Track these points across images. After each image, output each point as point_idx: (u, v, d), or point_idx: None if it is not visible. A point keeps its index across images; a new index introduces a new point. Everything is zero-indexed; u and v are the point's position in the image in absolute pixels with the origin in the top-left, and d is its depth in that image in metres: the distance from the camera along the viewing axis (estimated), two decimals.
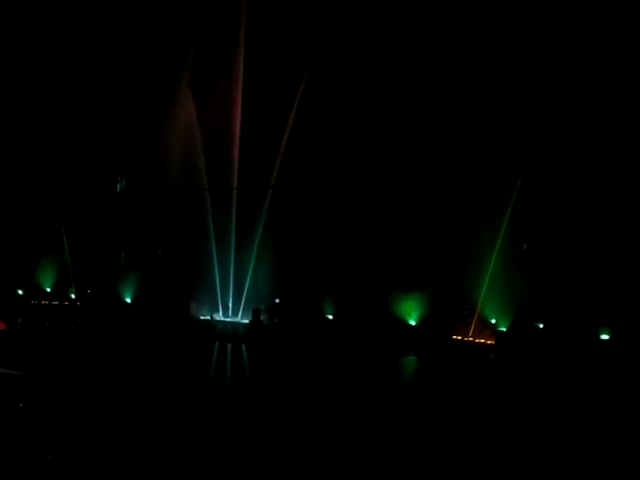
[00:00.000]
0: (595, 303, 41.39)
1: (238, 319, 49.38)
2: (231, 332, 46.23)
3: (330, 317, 46.39)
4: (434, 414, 24.03)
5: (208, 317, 49.76)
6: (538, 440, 20.80)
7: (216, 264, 49.63)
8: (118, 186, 58.73)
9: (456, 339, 41.97)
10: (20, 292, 55.86)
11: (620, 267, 42.18)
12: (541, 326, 42.77)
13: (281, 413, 22.69)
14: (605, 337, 40.63)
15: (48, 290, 56.24)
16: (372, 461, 17.96)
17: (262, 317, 48.01)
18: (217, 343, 41.77)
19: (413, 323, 44.23)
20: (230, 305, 50.33)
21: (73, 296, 55.36)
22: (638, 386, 30.42)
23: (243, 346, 41.26)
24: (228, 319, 49.64)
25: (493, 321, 43.22)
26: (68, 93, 54.91)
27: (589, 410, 25.72)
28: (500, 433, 21.69)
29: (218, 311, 50.19)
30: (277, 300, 50.36)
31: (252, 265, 49.41)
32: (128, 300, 52.46)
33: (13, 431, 18.92)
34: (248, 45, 51.55)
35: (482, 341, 42.68)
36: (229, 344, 41.67)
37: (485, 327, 43.15)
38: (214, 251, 49.68)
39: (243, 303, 49.96)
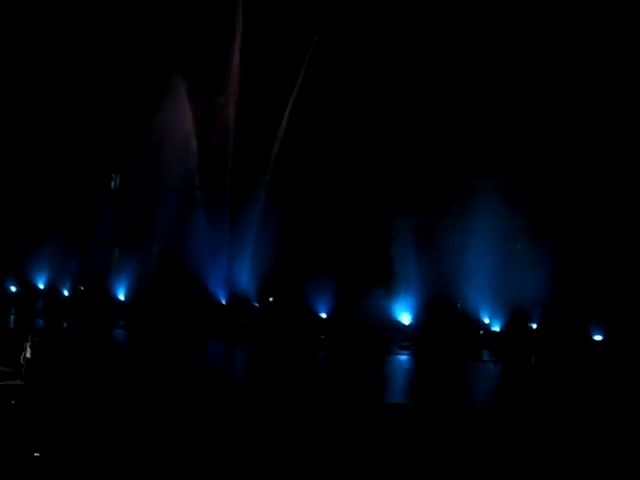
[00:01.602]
0: (589, 304, 41.43)
1: None
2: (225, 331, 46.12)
3: (324, 316, 46.34)
4: (430, 415, 24.01)
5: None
6: (535, 442, 20.80)
7: (209, 263, 49.53)
8: (112, 183, 58.62)
9: (449, 338, 41.86)
10: (13, 289, 55.76)
11: (615, 267, 42.22)
12: (534, 326, 42.77)
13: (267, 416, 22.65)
14: (598, 338, 40.67)
15: (41, 287, 56.16)
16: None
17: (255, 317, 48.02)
18: (211, 342, 41.76)
19: (406, 322, 44.25)
20: (224, 303, 50.25)
21: (66, 293, 55.24)
22: (632, 387, 30.47)
23: (237, 345, 41.22)
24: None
25: (487, 321, 43.24)
26: (62, 90, 54.80)
27: (584, 411, 25.75)
28: (497, 434, 21.68)
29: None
30: (271, 299, 50.29)
31: (247, 263, 49.36)
32: (121, 298, 52.34)
33: (7, 430, 18.85)
34: (245, 43, 51.54)
35: (476, 341, 42.60)
36: (223, 343, 41.62)
37: (478, 327, 43.14)
38: (207, 249, 49.61)
39: None
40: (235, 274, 49.64)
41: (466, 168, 45.07)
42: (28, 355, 24.74)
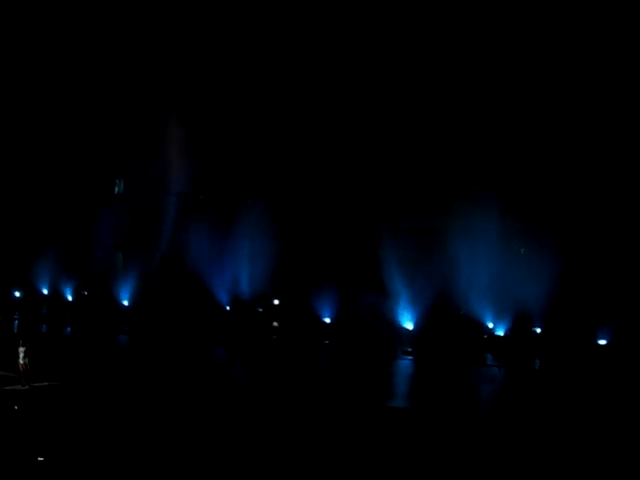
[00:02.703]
0: (593, 308, 41.32)
1: None
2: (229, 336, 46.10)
3: (328, 321, 46.32)
4: (432, 419, 23.95)
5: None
6: (537, 444, 20.73)
7: (213, 268, 49.53)
8: (116, 188, 58.77)
9: (453, 343, 41.81)
10: (17, 294, 55.88)
11: (620, 271, 42.11)
12: (539, 331, 42.65)
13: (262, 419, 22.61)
14: (603, 342, 40.52)
15: (45, 292, 56.26)
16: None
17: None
18: (215, 347, 41.71)
19: (410, 327, 44.16)
20: (228, 308, 50.21)
21: (70, 298, 55.31)
22: (637, 391, 30.38)
23: (241, 350, 41.16)
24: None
25: (490, 325, 43.13)
26: (67, 95, 55.00)
27: (587, 414, 25.68)
28: (498, 437, 21.62)
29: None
30: (276, 302, 50.24)
31: (251, 269, 49.40)
32: (125, 303, 52.38)
33: (11, 434, 18.86)
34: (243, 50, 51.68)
35: (480, 345, 42.49)
36: (227, 348, 41.58)
37: (482, 331, 43.05)
38: (211, 255, 49.61)
39: None
40: (239, 280, 49.64)
41: (468, 171, 45.06)
42: (21, 360, 24.77)
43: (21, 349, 25.16)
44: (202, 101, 51.91)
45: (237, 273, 49.57)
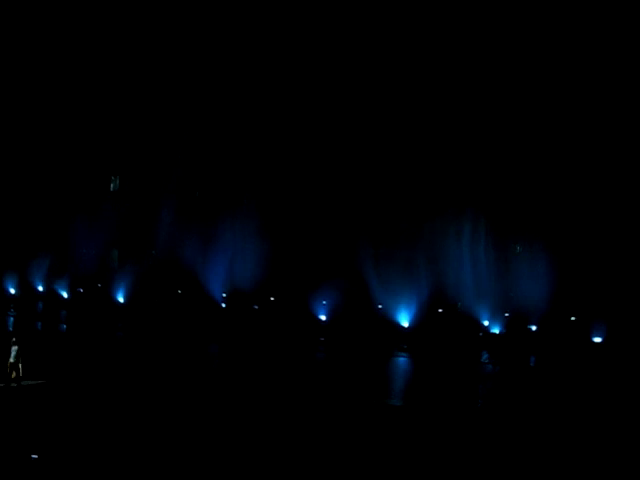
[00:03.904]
0: (588, 306, 41.38)
1: None
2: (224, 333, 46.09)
3: (323, 318, 46.33)
4: (430, 415, 23.95)
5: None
6: (535, 442, 20.73)
7: (208, 266, 49.51)
8: (111, 185, 58.70)
9: (448, 341, 41.84)
10: (12, 291, 55.79)
11: (615, 269, 42.17)
12: (534, 328, 42.70)
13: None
14: (598, 340, 40.57)
15: (40, 289, 56.16)
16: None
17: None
18: (210, 344, 41.70)
19: (405, 325, 44.16)
20: (223, 305, 50.20)
21: (65, 296, 55.22)
22: (631, 389, 30.41)
23: (235, 347, 41.15)
24: None
25: (486, 323, 43.15)
26: (63, 93, 54.96)
27: (582, 411, 25.69)
28: (496, 435, 21.61)
29: None
30: (272, 298, 50.23)
31: (244, 263, 49.37)
32: (121, 300, 52.32)
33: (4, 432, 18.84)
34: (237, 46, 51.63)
35: (475, 343, 42.54)
36: (219, 345, 41.58)
37: (477, 329, 43.07)
38: (206, 252, 49.61)
39: None
40: (234, 277, 49.61)
41: (463, 169, 45.10)
42: (11, 359, 24.63)
43: (13, 348, 25.00)
44: (198, 99, 51.88)
45: (232, 270, 49.53)
